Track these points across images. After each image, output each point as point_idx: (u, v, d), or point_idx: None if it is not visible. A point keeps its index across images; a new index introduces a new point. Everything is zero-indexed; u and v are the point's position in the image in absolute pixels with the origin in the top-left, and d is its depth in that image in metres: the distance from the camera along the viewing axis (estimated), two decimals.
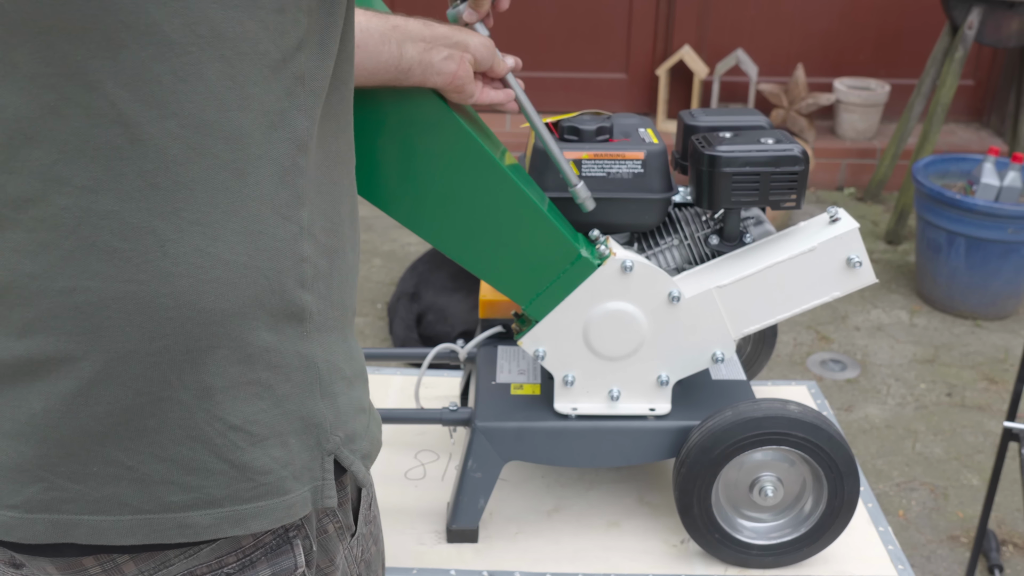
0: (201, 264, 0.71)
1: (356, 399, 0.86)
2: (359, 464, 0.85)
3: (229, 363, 0.75)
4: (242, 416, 0.76)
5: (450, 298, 3.13)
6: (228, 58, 0.69)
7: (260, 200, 0.73)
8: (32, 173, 0.68)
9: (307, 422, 0.80)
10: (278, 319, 0.76)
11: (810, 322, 3.49)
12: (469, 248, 1.34)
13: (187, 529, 0.76)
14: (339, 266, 0.82)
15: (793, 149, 1.39)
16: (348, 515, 0.90)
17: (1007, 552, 2.46)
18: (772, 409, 1.39)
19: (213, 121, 0.70)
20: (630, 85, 4.90)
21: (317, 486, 0.81)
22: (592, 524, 1.56)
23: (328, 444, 0.82)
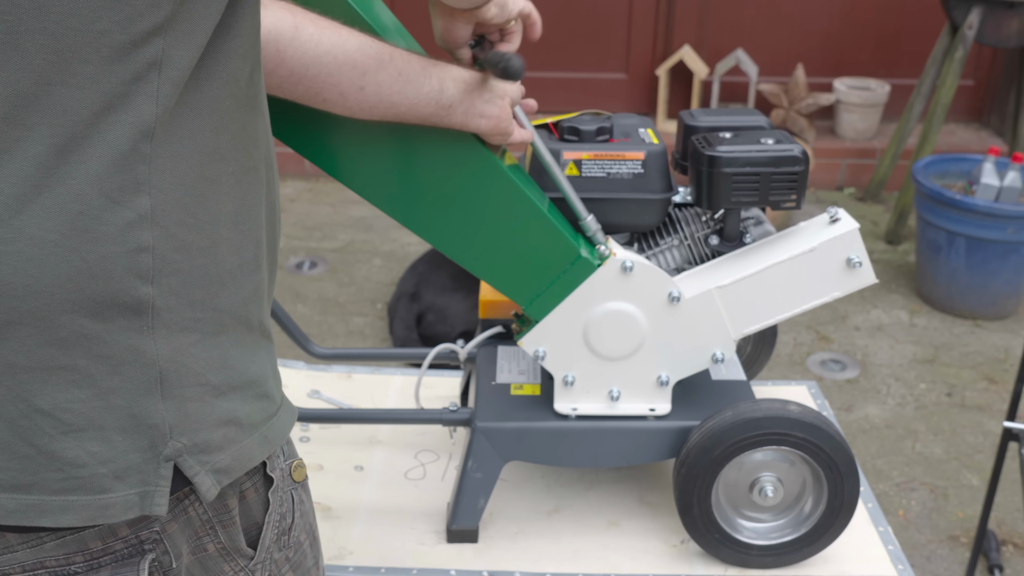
0: (4, 236, 0.68)
1: (223, 410, 0.81)
2: (205, 477, 0.79)
3: (36, 343, 0.71)
4: (51, 402, 0.72)
5: (450, 298, 3.13)
6: (52, 32, 0.67)
7: (84, 180, 0.69)
8: None
9: (139, 421, 0.75)
10: (104, 307, 0.72)
11: (810, 322, 3.49)
12: (469, 248, 1.35)
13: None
14: (203, 265, 0.77)
15: (793, 149, 1.39)
16: (236, 537, 0.87)
17: (1007, 552, 2.46)
18: (772, 409, 1.39)
19: (30, 93, 0.67)
20: (630, 85, 4.89)
21: (147, 491, 0.76)
22: (592, 524, 1.56)
23: (166, 449, 0.77)
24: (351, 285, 3.68)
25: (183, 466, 0.78)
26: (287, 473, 0.92)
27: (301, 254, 3.89)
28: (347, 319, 3.45)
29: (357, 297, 3.60)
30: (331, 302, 3.55)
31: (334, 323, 3.41)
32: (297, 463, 0.94)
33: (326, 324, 3.40)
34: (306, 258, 3.85)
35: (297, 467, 0.94)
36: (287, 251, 3.90)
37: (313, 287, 3.64)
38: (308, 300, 3.55)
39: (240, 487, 0.87)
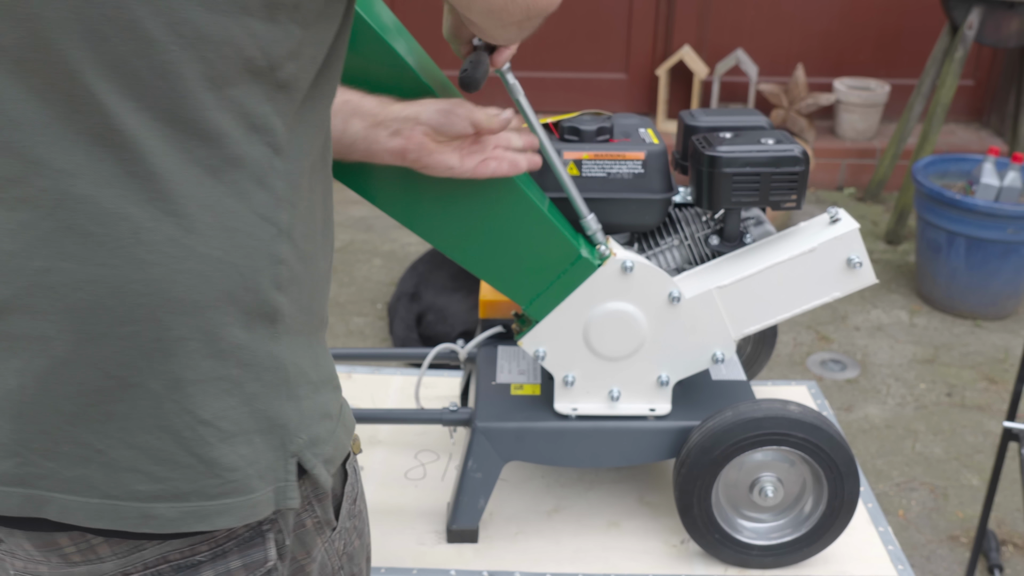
0: (175, 254, 0.72)
1: (321, 404, 0.86)
2: (321, 468, 0.85)
3: (201, 356, 0.75)
4: (212, 411, 0.76)
5: (450, 298, 3.13)
6: (209, 60, 0.71)
7: (237, 198, 0.74)
8: (14, 154, 0.70)
9: (273, 422, 0.80)
10: (251, 317, 0.77)
11: (810, 322, 3.49)
12: (469, 248, 1.35)
13: (152, 520, 0.77)
14: (312, 272, 0.83)
15: (793, 149, 1.39)
16: (328, 510, 0.91)
17: (1007, 552, 2.46)
18: (772, 409, 1.39)
19: (189, 119, 0.71)
20: (630, 85, 4.89)
21: (280, 487, 0.82)
22: (592, 524, 1.56)
23: (292, 446, 0.82)
24: (351, 285, 3.68)
25: (304, 460, 0.83)
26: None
27: None
28: (347, 319, 3.44)
29: (357, 297, 3.60)
30: (331, 302, 3.55)
31: (334, 323, 3.41)
32: (355, 435, 0.98)
33: None
34: None
35: (355, 440, 0.98)
36: None
37: None
38: None
39: None
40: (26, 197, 0.71)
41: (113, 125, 0.70)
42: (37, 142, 0.70)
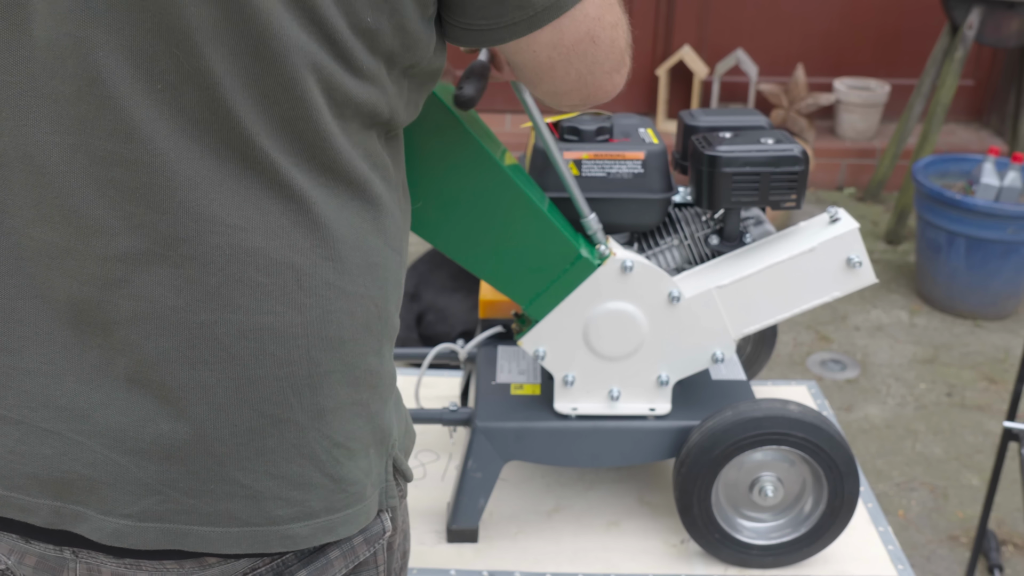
0: (329, 296, 0.77)
1: (396, 404, 0.91)
2: (403, 460, 0.90)
3: (341, 385, 0.79)
4: (345, 434, 0.81)
5: (450, 298, 3.13)
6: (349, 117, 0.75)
7: (378, 234, 0.80)
8: (189, 213, 0.72)
9: (384, 433, 0.86)
10: (382, 343, 0.83)
11: (810, 322, 3.49)
12: (469, 248, 1.35)
13: (288, 540, 0.80)
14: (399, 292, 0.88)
15: (793, 149, 1.39)
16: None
17: (1007, 552, 2.46)
18: (772, 409, 1.39)
19: (341, 170, 0.76)
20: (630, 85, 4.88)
21: (383, 488, 0.87)
22: (592, 524, 1.56)
23: (392, 449, 0.88)
24: None
25: (396, 459, 0.88)
26: None
27: None
28: None
29: None
30: None
31: None
32: None
33: None
34: None
35: None
36: None
37: None
38: None
39: None
40: (196, 255, 0.73)
41: (283, 180, 0.73)
42: (212, 200, 0.72)
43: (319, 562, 0.83)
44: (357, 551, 0.86)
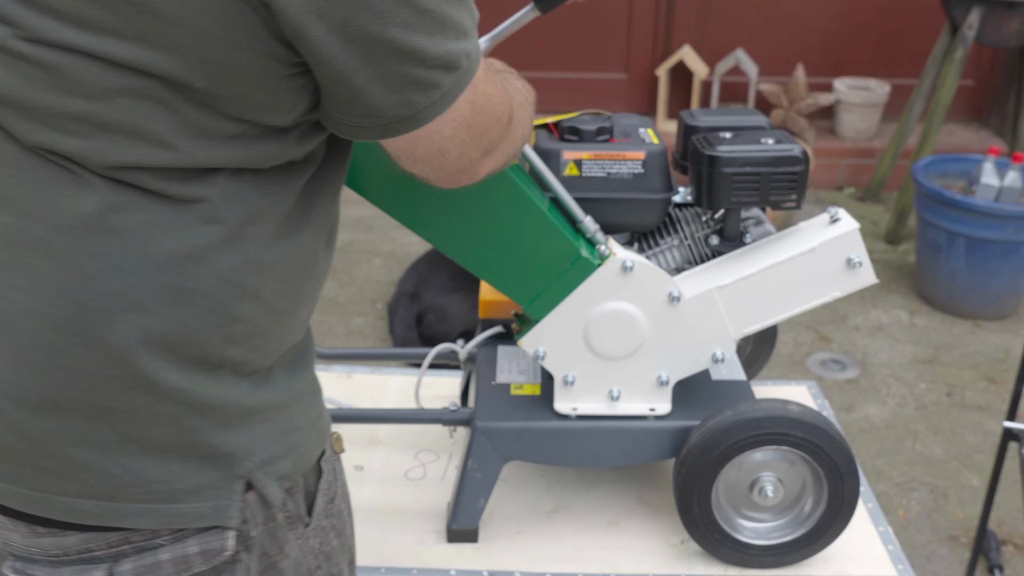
0: (117, 306, 0.77)
1: (287, 422, 0.91)
2: (272, 486, 0.89)
3: (133, 392, 0.80)
4: (139, 433, 0.82)
5: (450, 298, 3.13)
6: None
7: (198, 261, 0.78)
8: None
9: (217, 450, 0.85)
10: (193, 365, 0.82)
11: (810, 322, 3.49)
12: (469, 248, 1.35)
13: (75, 512, 0.84)
14: (286, 322, 0.88)
15: (793, 149, 1.39)
16: (300, 504, 0.94)
17: (1007, 552, 2.46)
18: (772, 409, 1.39)
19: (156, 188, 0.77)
20: (630, 85, 4.89)
21: (221, 504, 0.86)
22: (592, 524, 1.56)
23: (240, 469, 0.87)
24: (351, 285, 3.68)
25: (254, 481, 0.88)
26: (329, 445, 1.00)
27: None
28: (347, 319, 3.44)
29: (357, 297, 3.59)
30: (331, 302, 3.55)
31: (334, 323, 3.41)
32: (336, 436, 1.01)
33: (326, 324, 3.40)
34: None
35: (336, 439, 1.02)
36: None
37: None
38: None
39: None
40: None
41: (79, 179, 0.75)
42: (5, 182, 0.76)
43: (148, 559, 0.86)
44: (191, 561, 0.87)
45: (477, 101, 0.84)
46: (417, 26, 0.74)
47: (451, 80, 0.79)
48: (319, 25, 0.72)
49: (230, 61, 0.74)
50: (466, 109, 0.83)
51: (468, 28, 0.79)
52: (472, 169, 0.90)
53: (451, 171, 0.88)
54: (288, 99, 0.79)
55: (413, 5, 0.74)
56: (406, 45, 0.75)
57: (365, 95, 0.77)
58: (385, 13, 0.72)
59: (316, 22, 0.72)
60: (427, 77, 0.77)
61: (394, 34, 0.74)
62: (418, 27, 0.74)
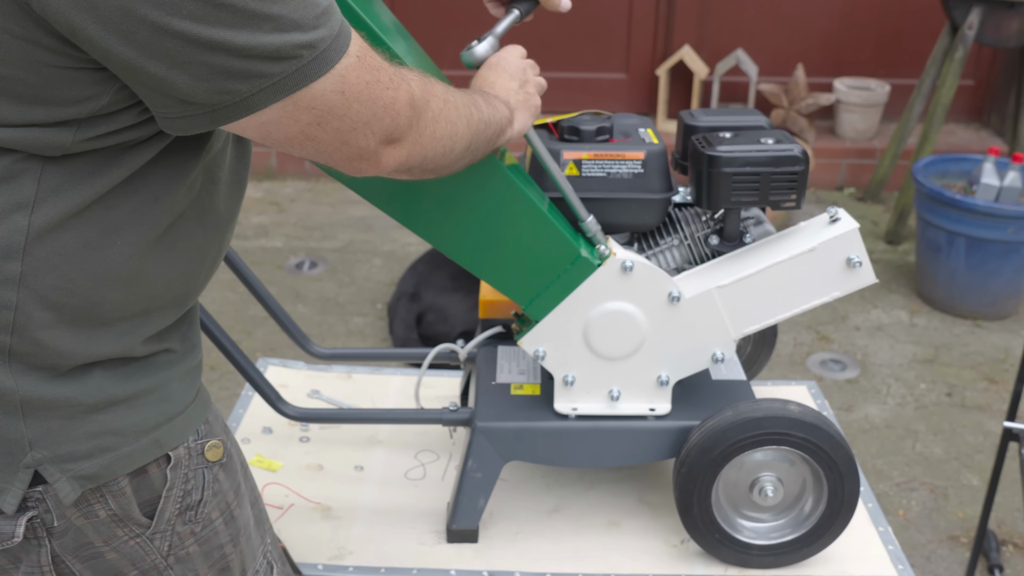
0: None
1: (97, 424, 0.91)
2: (65, 482, 0.89)
3: None
4: None
5: (450, 298, 3.13)
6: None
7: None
8: None
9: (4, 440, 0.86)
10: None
11: (810, 322, 3.49)
12: (469, 248, 1.35)
13: None
14: (82, 326, 0.87)
15: (793, 149, 1.39)
16: (128, 507, 0.95)
17: (1007, 552, 2.46)
18: (772, 409, 1.39)
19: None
20: (630, 85, 4.89)
21: (2, 487, 0.88)
22: (592, 524, 1.56)
23: (24, 459, 0.87)
24: (351, 285, 3.68)
25: (44, 472, 0.88)
26: (198, 452, 0.99)
27: (301, 254, 3.89)
28: (347, 319, 3.44)
29: (357, 297, 3.60)
30: (331, 302, 3.55)
31: (334, 323, 3.41)
32: (212, 443, 1.00)
33: (326, 324, 3.40)
34: (306, 258, 3.85)
35: (212, 447, 1.00)
36: (287, 251, 3.90)
37: (313, 287, 3.64)
38: (308, 300, 3.54)
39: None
40: None
41: None
42: None
43: None
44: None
45: (349, 90, 0.85)
46: (212, 19, 0.76)
47: (283, 69, 0.80)
48: (93, 21, 0.74)
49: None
50: (333, 98, 0.85)
51: (302, 20, 0.80)
52: (370, 159, 0.92)
53: (338, 157, 0.90)
54: (76, 90, 0.79)
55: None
56: (201, 37, 0.76)
57: (168, 84, 0.78)
58: (167, 5, 0.74)
59: (89, 16, 0.73)
60: (243, 67, 0.78)
61: (182, 26, 0.75)
62: (213, 20, 0.76)
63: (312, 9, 0.81)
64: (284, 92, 0.82)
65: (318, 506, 1.59)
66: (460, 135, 1.04)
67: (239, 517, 1.05)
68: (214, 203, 0.96)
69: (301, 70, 0.81)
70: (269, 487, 1.63)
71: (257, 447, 1.74)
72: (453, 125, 1.02)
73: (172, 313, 0.96)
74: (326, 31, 0.83)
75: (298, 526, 1.54)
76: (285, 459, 1.71)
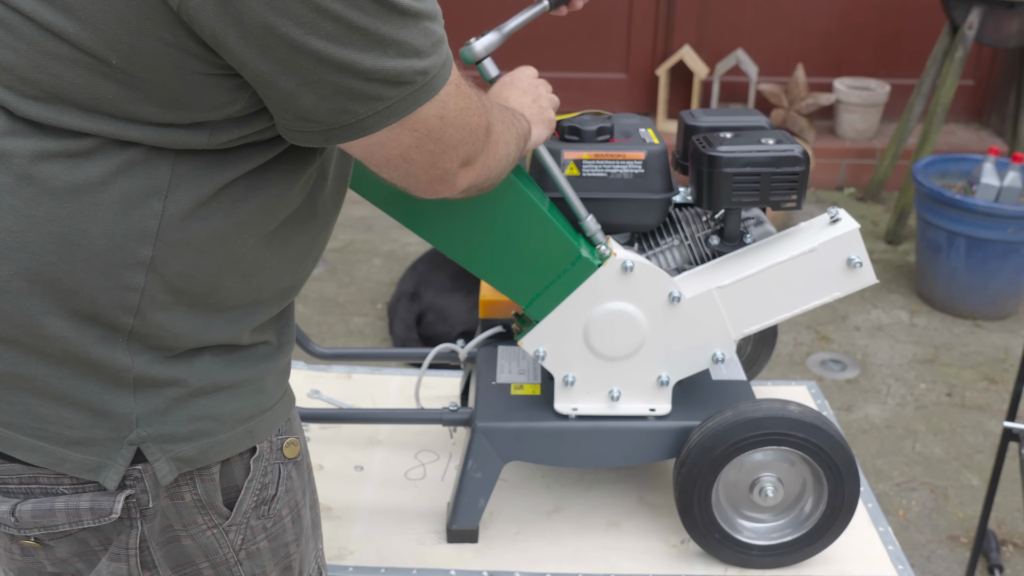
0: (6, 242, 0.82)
1: (201, 407, 0.93)
2: (164, 463, 0.91)
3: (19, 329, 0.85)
4: (31, 371, 0.86)
5: (450, 298, 3.13)
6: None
7: (90, 219, 0.82)
8: None
9: (109, 407, 0.88)
10: (82, 319, 0.85)
11: (810, 322, 3.49)
12: (470, 248, 1.35)
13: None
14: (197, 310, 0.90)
15: (793, 150, 1.39)
16: (214, 494, 0.96)
17: (1007, 552, 2.46)
18: (772, 410, 1.39)
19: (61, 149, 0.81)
20: (630, 85, 4.89)
21: (104, 463, 0.89)
22: (592, 524, 1.56)
23: (129, 434, 0.89)
24: (351, 285, 3.68)
25: (145, 451, 0.90)
26: (278, 447, 1.00)
27: None
28: (347, 319, 3.44)
29: (357, 297, 3.59)
30: (331, 302, 3.55)
31: (334, 323, 3.41)
32: (291, 440, 1.01)
33: (326, 324, 3.40)
34: None
35: (290, 444, 1.01)
36: None
37: (313, 287, 3.64)
38: (308, 300, 3.54)
39: None
40: None
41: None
42: None
43: (46, 504, 0.91)
44: (81, 516, 0.91)
45: (447, 115, 0.89)
46: (346, 41, 0.78)
47: (398, 93, 0.83)
48: (236, 34, 0.76)
49: (143, 46, 0.78)
50: (433, 122, 0.88)
51: (421, 48, 0.83)
52: (449, 180, 0.95)
53: (423, 179, 0.93)
54: (215, 96, 0.82)
55: (341, 21, 0.77)
56: (334, 57, 0.78)
57: (294, 100, 0.81)
58: (308, 24, 0.76)
59: (232, 28, 0.76)
60: (365, 89, 0.81)
61: (318, 45, 0.77)
62: (347, 42, 0.78)
63: (431, 36, 0.84)
64: (396, 115, 0.84)
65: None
66: (512, 154, 1.10)
67: (304, 517, 1.06)
68: (324, 198, 0.99)
69: (413, 94, 0.84)
70: None
71: None
72: (508, 144, 1.07)
73: (277, 305, 0.98)
74: (438, 58, 0.85)
75: None
76: None
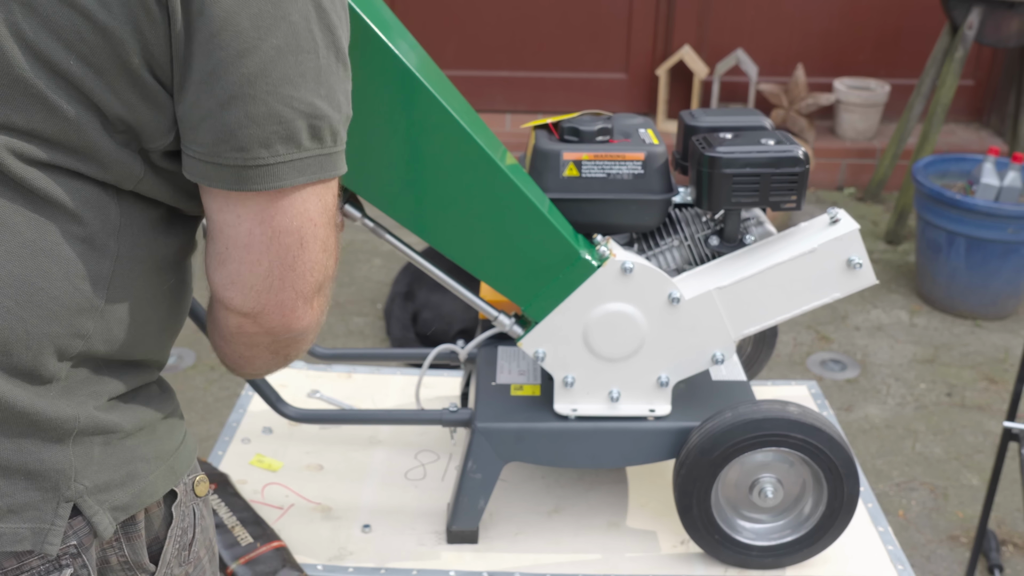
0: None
1: (128, 450, 0.87)
2: (103, 515, 0.84)
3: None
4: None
5: (444, 294, 3.13)
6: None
7: (53, 259, 0.77)
8: None
9: (45, 465, 0.80)
10: (14, 374, 0.78)
11: (810, 322, 3.49)
12: (469, 248, 1.35)
13: None
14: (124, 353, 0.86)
15: (793, 150, 1.39)
16: (139, 552, 0.90)
17: (1007, 552, 2.46)
18: (772, 410, 1.39)
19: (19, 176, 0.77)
20: (630, 85, 4.89)
21: (41, 528, 0.81)
22: (592, 525, 1.56)
23: (68, 491, 0.82)
24: (351, 285, 3.68)
25: (82, 506, 0.83)
26: (190, 487, 0.95)
27: None
28: (347, 319, 3.44)
29: (357, 297, 3.59)
30: (331, 302, 3.54)
31: (334, 323, 3.41)
32: (200, 478, 0.97)
33: (326, 324, 3.40)
34: None
35: (199, 482, 0.97)
36: None
37: None
38: None
39: None
40: None
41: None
42: None
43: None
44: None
45: (319, 234, 0.86)
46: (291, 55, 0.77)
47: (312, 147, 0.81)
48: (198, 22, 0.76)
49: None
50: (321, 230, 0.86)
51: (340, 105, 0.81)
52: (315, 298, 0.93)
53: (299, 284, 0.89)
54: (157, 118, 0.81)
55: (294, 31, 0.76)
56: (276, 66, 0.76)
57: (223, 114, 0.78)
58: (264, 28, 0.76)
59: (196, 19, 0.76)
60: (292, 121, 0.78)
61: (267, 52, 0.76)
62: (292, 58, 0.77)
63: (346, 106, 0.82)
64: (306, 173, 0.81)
65: (318, 506, 1.59)
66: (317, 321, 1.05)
67: (215, 551, 1.03)
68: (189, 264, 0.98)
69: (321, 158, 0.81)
70: (269, 487, 1.63)
71: (257, 447, 1.74)
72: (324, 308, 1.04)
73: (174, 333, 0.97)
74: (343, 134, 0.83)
75: (298, 526, 1.54)
76: (285, 459, 1.71)
